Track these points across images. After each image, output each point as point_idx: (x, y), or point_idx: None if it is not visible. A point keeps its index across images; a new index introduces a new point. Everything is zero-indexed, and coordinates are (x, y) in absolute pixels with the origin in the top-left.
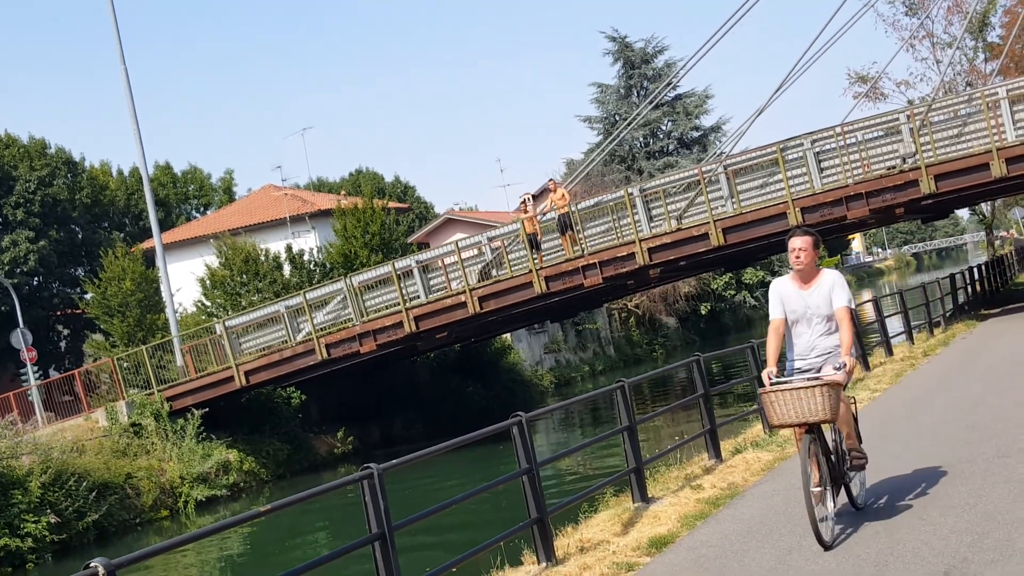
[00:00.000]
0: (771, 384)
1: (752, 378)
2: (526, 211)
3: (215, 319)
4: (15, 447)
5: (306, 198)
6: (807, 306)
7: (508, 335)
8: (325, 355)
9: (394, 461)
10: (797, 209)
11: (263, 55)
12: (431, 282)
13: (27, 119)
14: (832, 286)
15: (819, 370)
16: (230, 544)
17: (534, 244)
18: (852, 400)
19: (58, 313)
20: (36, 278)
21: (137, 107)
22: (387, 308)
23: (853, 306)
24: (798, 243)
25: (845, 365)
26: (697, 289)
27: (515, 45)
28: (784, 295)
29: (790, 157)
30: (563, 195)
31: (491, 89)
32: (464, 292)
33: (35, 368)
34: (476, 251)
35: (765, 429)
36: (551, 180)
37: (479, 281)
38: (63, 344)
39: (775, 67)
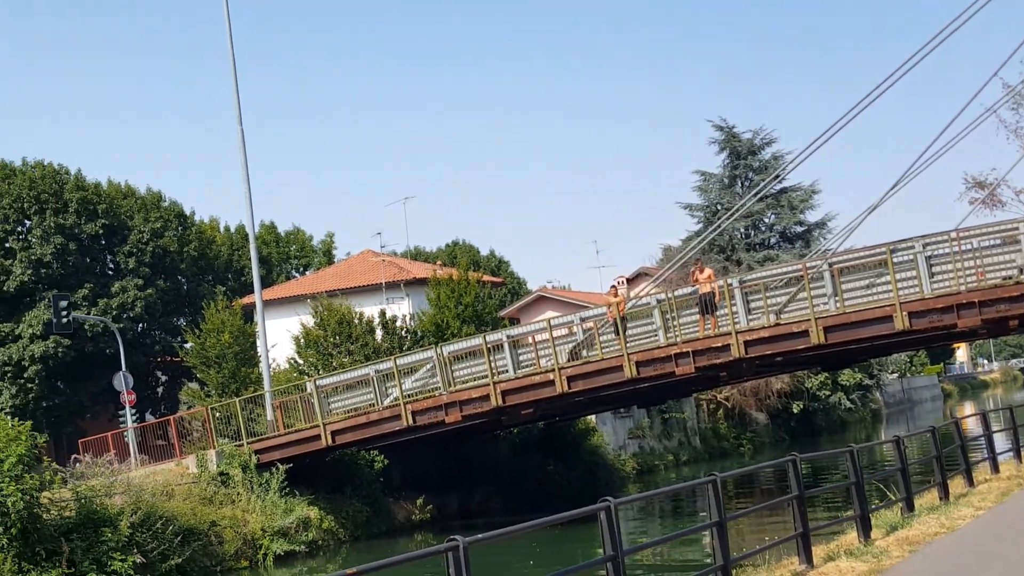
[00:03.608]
0: None
1: (850, 484)
2: (616, 295)
3: (306, 377)
4: (110, 486)
5: (402, 265)
6: None
7: (593, 417)
8: (411, 422)
9: (480, 536)
10: (904, 313)
11: (372, 124)
12: (520, 358)
13: (143, 172)
14: None
15: None
16: None
17: (619, 328)
18: None
19: (158, 360)
20: (141, 324)
21: (249, 166)
22: (475, 380)
23: None
24: None
25: None
26: (791, 386)
27: (616, 128)
28: None
29: (899, 259)
30: (709, 275)
31: (590, 169)
32: (553, 370)
33: (133, 411)
34: (567, 330)
35: (860, 538)
36: (697, 261)
37: (569, 360)
38: (160, 390)
39: (887, 167)
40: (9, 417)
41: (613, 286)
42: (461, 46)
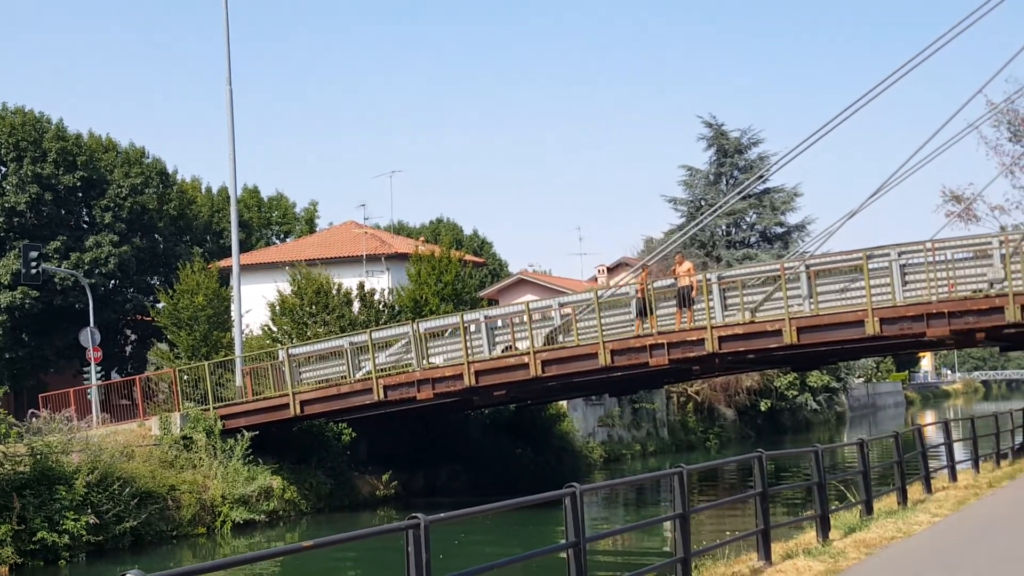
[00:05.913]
0: None
1: (812, 484)
2: (647, 275)
3: (279, 345)
4: (67, 444)
5: (385, 239)
6: None
7: (564, 403)
8: (382, 396)
9: (443, 515)
10: (876, 319)
11: (363, 95)
12: (496, 339)
13: (126, 126)
14: None
15: None
16: (262, 573)
17: (646, 310)
18: None
19: (129, 318)
20: (113, 281)
21: (235, 128)
22: (449, 358)
23: None
24: None
25: None
26: (760, 384)
27: (605, 119)
28: None
29: (874, 266)
30: (688, 269)
31: (577, 157)
32: (528, 354)
33: (99, 368)
34: (544, 315)
35: (819, 538)
36: (678, 254)
37: (544, 345)
38: (129, 349)
39: (868, 174)
40: None
41: (593, 278)
42: (454, 27)
